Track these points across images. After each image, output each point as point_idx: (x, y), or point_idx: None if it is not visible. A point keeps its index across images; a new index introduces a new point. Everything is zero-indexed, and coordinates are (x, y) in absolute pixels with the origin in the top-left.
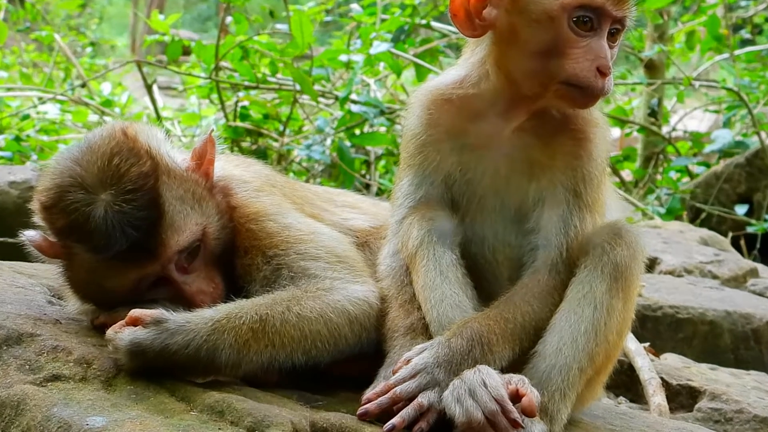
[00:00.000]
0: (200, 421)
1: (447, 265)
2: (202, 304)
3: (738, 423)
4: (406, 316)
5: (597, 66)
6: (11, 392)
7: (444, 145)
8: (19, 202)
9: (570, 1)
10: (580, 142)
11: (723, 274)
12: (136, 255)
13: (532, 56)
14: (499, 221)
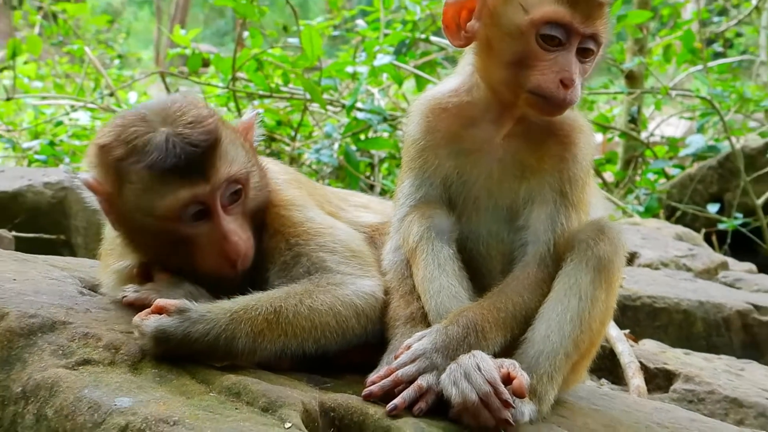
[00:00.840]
0: (218, 402)
1: (444, 259)
2: (233, 246)
3: (710, 403)
4: (406, 307)
5: (560, 78)
6: (45, 375)
7: (441, 149)
8: (53, 201)
9: (538, 18)
10: (566, 146)
11: (696, 267)
12: (189, 173)
13: (504, 66)
14: (492, 219)
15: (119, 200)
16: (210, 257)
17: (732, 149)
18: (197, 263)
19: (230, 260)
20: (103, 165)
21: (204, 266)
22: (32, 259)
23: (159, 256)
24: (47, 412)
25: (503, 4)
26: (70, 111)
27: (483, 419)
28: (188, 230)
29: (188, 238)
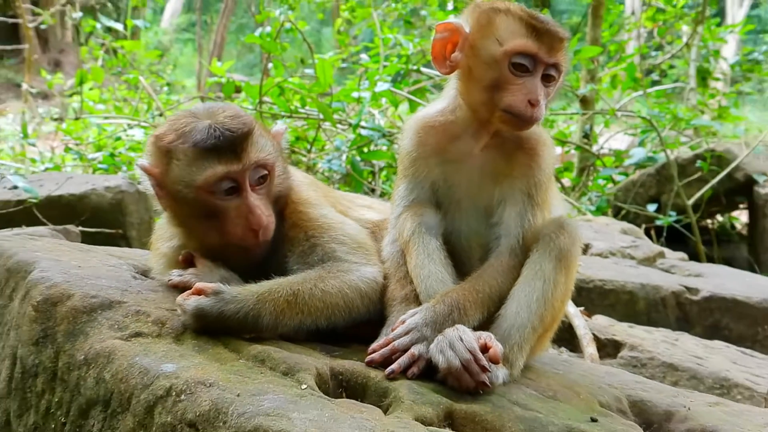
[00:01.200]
0: (246, 367)
1: (433, 250)
2: (257, 218)
3: (650, 367)
4: (401, 289)
5: (528, 99)
6: (104, 345)
7: (430, 159)
8: (112, 202)
9: (510, 50)
10: (532, 157)
11: (638, 255)
12: (225, 153)
13: (482, 89)
14: (472, 217)
15: (168, 177)
16: (237, 227)
17: (667, 160)
18: (226, 234)
19: (254, 230)
20: (156, 150)
21: (232, 236)
22: (94, 250)
23: (197, 230)
24: (105, 375)
25: (482, 38)
26: (127, 128)
27: (464, 381)
28: (221, 203)
29: (220, 210)
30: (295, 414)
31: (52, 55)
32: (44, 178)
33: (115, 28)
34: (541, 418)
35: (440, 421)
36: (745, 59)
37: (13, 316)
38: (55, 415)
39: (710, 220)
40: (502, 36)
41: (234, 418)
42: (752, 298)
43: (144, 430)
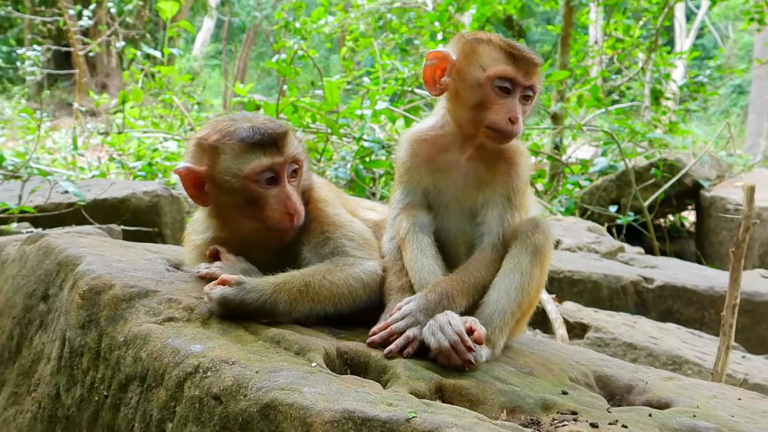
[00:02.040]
0: (264, 348)
1: (425, 246)
2: (293, 204)
3: (613, 346)
4: (398, 280)
5: (509, 117)
6: (141, 329)
7: (422, 168)
8: (149, 204)
9: (492, 74)
10: (511, 165)
11: (602, 250)
12: (269, 147)
13: (468, 109)
14: (459, 218)
15: (215, 171)
16: (276, 212)
17: (626, 168)
18: (266, 218)
19: (290, 215)
20: (200, 149)
21: (270, 220)
22: (133, 246)
23: (235, 218)
24: (142, 355)
25: (467, 65)
26: (163, 141)
27: (453, 360)
28: (262, 191)
29: (261, 197)
30: (306, 388)
31: (99, 78)
32: (91, 184)
33: (153, 55)
34: (518, 391)
35: (432, 394)
36: (692, 81)
37: (63, 303)
38: (98, 388)
39: (663, 220)
40: (485, 63)
41: (253, 392)
42: (699, 287)
43: (175, 402)
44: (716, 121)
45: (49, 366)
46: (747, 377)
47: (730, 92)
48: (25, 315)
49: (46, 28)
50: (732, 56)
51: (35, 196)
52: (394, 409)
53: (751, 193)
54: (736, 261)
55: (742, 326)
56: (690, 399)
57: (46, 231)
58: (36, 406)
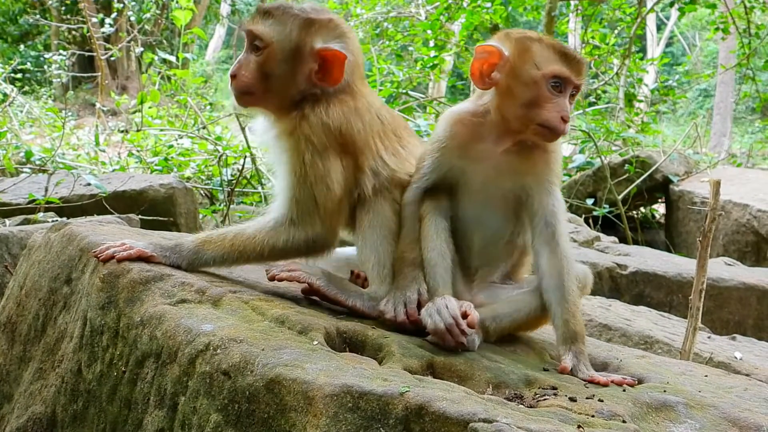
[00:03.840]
0: (270, 327)
1: (440, 228)
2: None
3: (590, 327)
4: (411, 252)
5: (561, 116)
6: (156, 310)
7: (456, 152)
8: (165, 196)
9: (548, 73)
10: (549, 153)
11: (579, 239)
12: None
13: (521, 106)
14: (480, 207)
15: None
16: None
17: (602, 164)
18: None
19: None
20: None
21: None
22: (149, 234)
23: None
24: (157, 333)
25: (522, 63)
26: (178, 138)
27: (446, 341)
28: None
29: None
30: (308, 365)
31: (120, 81)
32: (112, 177)
33: (169, 60)
34: (503, 368)
35: (423, 370)
36: (662, 86)
37: (84, 286)
38: (117, 365)
39: (635, 212)
40: (539, 61)
41: (259, 368)
42: (668, 273)
43: (187, 377)
44: (684, 122)
45: (71, 344)
46: (712, 355)
47: (697, 96)
48: (49, 297)
49: (71, 34)
50: (699, 63)
51: (60, 189)
52: (389, 384)
53: (717, 188)
54: (702, 249)
55: (708, 309)
56: (660, 375)
57: (70, 220)
58: (59, 381)
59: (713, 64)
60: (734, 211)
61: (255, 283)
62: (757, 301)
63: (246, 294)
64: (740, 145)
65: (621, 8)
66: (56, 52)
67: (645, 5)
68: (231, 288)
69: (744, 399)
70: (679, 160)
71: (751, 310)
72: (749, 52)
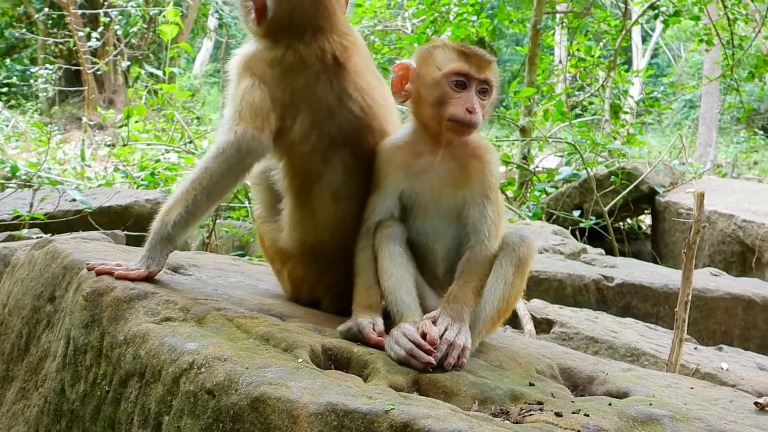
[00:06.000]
0: (254, 345)
1: (395, 254)
2: None
3: (576, 340)
4: (367, 300)
5: (466, 107)
6: (140, 328)
7: (398, 174)
8: (151, 211)
9: (448, 71)
10: (484, 164)
11: (566, 251)
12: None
13: (430, 106)
14: (436, 220)
15: None
16: None
17: (588, 176)
18: None
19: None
20: None
21: None
22: (135, 250)
23: None
24: (141, 352)
25: (425, 67)
26: (165, 153)
27: (413, 365)
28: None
29: None
30: (292, 383)
31: (106, 95)
32: (98, 192)
33: (156, 74)
34: (489, 383)
35: (409, 387)
36: (647, 97)
37: (68, 304)
38: (100, 384)
39: (622, 223)
40: (440, 63)
41: (243, 387)
42: (655, 284)
43: (171, 396)
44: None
45: (54, 363)
46: (699, 367)
47: (682, 106)
48: (33, 315)
49: (57, 48)
50: (683, 74)
51: (45, 204)
52: (373, 402)
53: (701, 200)
54: (687, 261)
55: (694, 320)
56: (646, 388)
57: (54, 237)
58: (42, 401)
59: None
60: (720, 221)
61: (240, 301)
62: (743, 311)
63: (230, 311)
64: (725, 155)
65: (606, 21)
66: (43, 66)
67: (630, 18)
68: (215, 305)
69: (730, 411)
70: (665, 171)
71: (737, 320)
72: (733, 63)
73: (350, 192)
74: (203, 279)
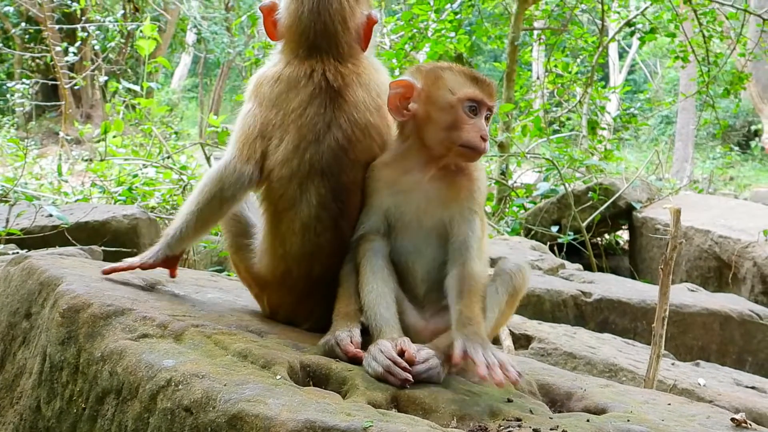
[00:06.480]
0: (232, 362)
1: (376, 268)
2: None
3: (555, 356)
4: (346, 307)
5: (480, 135)
6: (117, 345)
7: (385, 191)
8: (129, 227)
9: (463, 97)
10: (472, 181)
11: (544, 267)
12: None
13: (441, 130)
14: (418, 238)
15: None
16: None
17: (566, 191)
18: None
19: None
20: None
21: None
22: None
23: None
24: (117, 369)
25: (437, 90)
26: (143, 168)
27: (390, 381)
28: None
29: None
30: (270, 400)
31: (84, 109)
32: (75, 207)
33: (133, 89)
34: (468, 400)
35: (388, 403)
36: (624, 113)
37: (44, 321)
38: (76, 401)
39: (599, 238)
40: (453, 87)
41: (221, 404)
42: (632, 300)
43: (149, 413)
44: (647, 149)
45: (30, 380)
46: (676, 383)
47: (659, 122)
48: (9, 332)
49: (34, 63)
50: (660, 90)
51: (22, 220)
52: (352, 419)
53: (677, 216)
54: (664, 277)
55: (671, 335)
56: (624, 405)
57: (30, 252)
58: (18, 418)
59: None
60: (696, 237)
61: (218, 317)
62: (720, 326)
63: (209, 328)
64: (702, 171)
65: (583, 37)
66: (19, 81)
67: (606, 34)
68: (193, 322)
69: (706, 427)
70: (642, 187)
71: (714, 335)
72: (708, 80)
73: (321, 226)
74: (181, 295)
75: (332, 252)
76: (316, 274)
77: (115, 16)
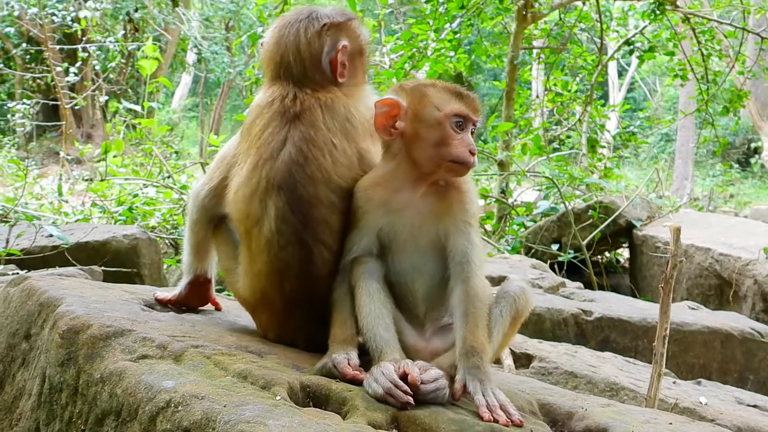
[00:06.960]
0: (232, 383)
1: (372, 290)
2: None
3: (556, 375)
4: (342, 333)
5: (469, 149)
6: (117, 366)
7: (377, 211)
8: (129, 247)
9: (449, 112)
10: (463, 194)
11: (545, 285)
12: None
13: (429, 147)
14: (414, 256)
15: None
16: None
17: (566, 209)
18: None
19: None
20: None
21: None
22: (111, 287)
23: None
24: (117, 391)
25: (423, 107)
26: (143, 187)
27: (390, 403)
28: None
29: None
30: (270, 421)
31: (84, 129)
32: (75, 227)
33: (134, 109)
34: (468, 420)
35: (388, 424)
36: (624, 131)
37: (44, 342)
38: (76, 423)
39: (600, 257)
40: (439, 104)
41: (221, 425)
42: (633, 318)
43: None
44: (646, 167)
45: (30, 402)
46: (677, 401)
47: (658, 140)
48: (8, 353)
49: (35, 83)
50: (659, 108)
51: (22, 240)
52: None
53: (677, 234)
54: (665, 295)
55: (673, 354)
56: (625, 424)
57: (30, 273)
58: None
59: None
60: (697, 255)
61: (218, 337)
62: (721, 344)
63: (208, 348)
64: (702, 188)
65: (582, 56)
66: (20, 101)
67: (605, 53)
68: (193, 343)
69: None
70: (642, 205)
71: (716, 353)
72: (707, 98)
73: (282, 239)
74: (181, 315)
75: (301, 270)
76: (287, 291)
77: (115, 36)
